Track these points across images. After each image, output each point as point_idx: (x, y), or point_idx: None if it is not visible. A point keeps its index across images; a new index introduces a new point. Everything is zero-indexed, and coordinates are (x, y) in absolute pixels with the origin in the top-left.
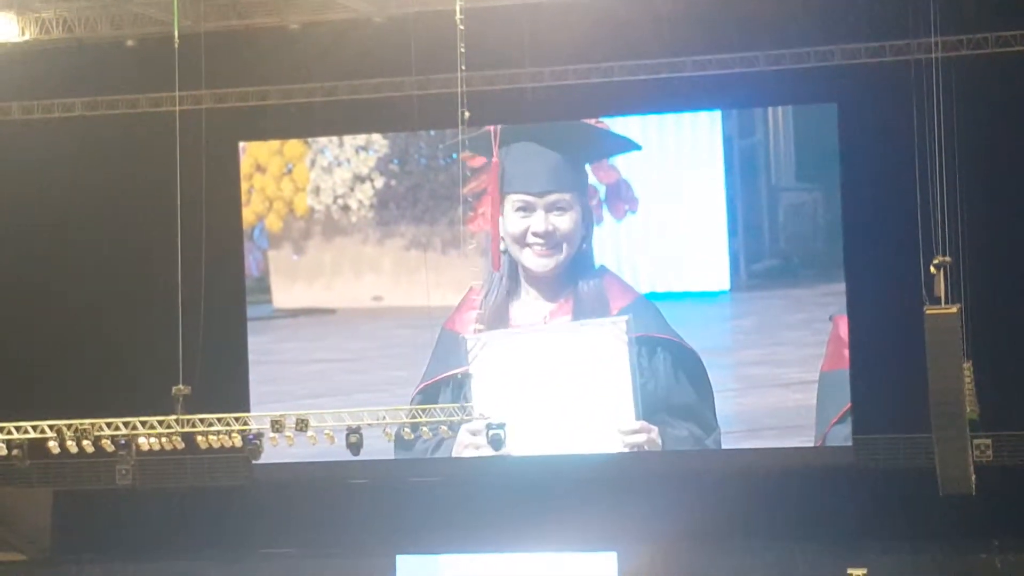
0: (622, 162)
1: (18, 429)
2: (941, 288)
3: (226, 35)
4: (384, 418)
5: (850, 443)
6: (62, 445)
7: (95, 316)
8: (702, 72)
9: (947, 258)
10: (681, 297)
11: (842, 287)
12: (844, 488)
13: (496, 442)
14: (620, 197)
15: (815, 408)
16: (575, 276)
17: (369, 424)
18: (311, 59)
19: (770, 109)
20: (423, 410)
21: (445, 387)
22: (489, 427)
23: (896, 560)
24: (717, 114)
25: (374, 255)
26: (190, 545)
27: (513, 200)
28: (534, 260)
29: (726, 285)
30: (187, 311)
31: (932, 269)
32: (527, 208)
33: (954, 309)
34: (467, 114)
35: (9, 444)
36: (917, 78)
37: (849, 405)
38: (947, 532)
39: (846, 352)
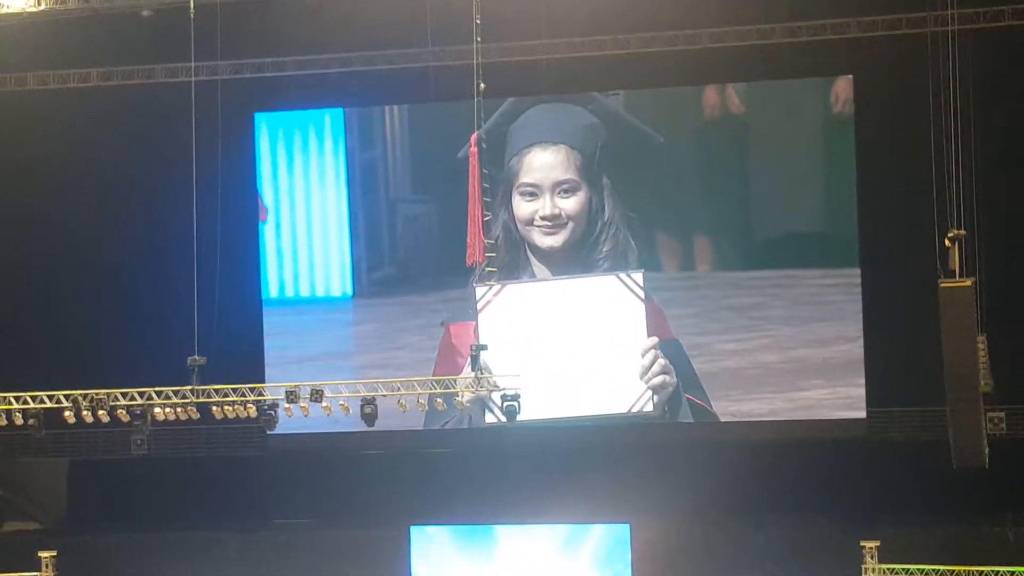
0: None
1: (34, 399)
2: (956, 261)
3: (242, 5)
4: (399, 389)
5: (863, 416)
6: (78, 415)
7: (111, 286)
8: (719, 44)
9: (962, 231)
10: (308, 302)
11: (453, 294)
12: (858, 461)
13: (511, 413)
14: None
15: None
16: None
17: (383, 395)
18: (327, 30)
19: (388, 123)
20: (437, 381)
21: None
22: (504, 398)
23: (909, 533)
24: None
25: None
26: (204, 515)
27: None
28: None
29: (349, 291)
30: (203, 282)
31: (946, 242)
32: None
33: (968, 282)
34: (483, 86)
35: (25, 414)
36: (933, 50)
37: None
38: (960, 505)
39: (459, 359)
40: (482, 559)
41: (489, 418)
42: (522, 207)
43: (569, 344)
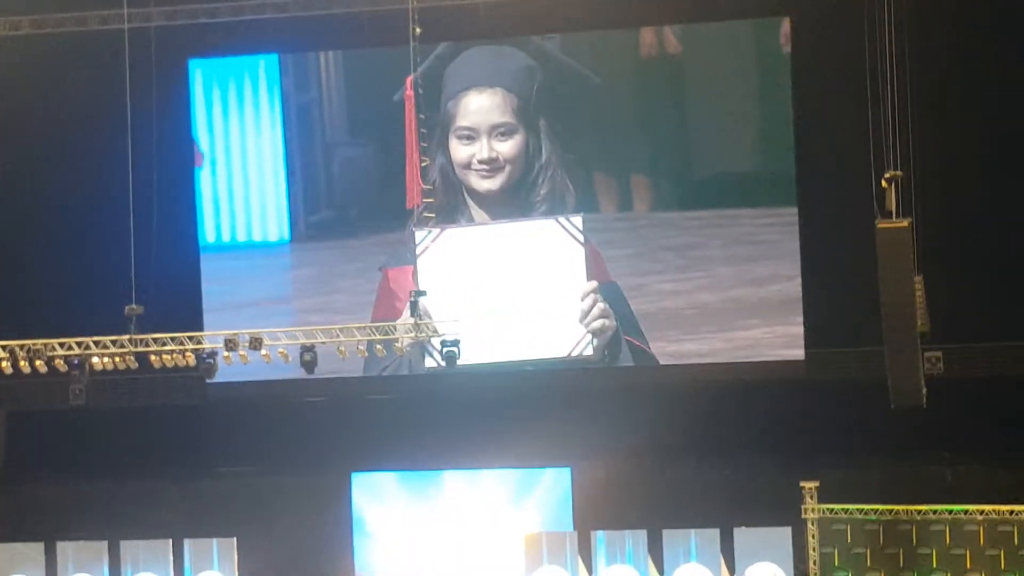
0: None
1: None
2: (892, 202)
3: None
4: (338, 336)
5: (802, 357)
6: (15, 365)
7: (46, 235)
8: None
9: (898, 172)
10: (245, 247)
11: (391, 238)
12: (796, 402)
13: (450, 359)
14: None
15: None
16: None
17: (323, 342)
18: None
19: (323, 67)
20: (377, 327)
21: None
22: (444, 344)
23: (847, 473)
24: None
25: None
26: (145, 464)
27: None
28: None
29: (287, 235)
30: (139, 229)
31: (883, 183)
32: None
33: (905, 223)
34: (418, 30)
35: None
36: None
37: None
38: (898, 444)
39: (398, 304)
40: (425, 504)
41: (429, 363)
42: (459, 151)
43: (508, 288)
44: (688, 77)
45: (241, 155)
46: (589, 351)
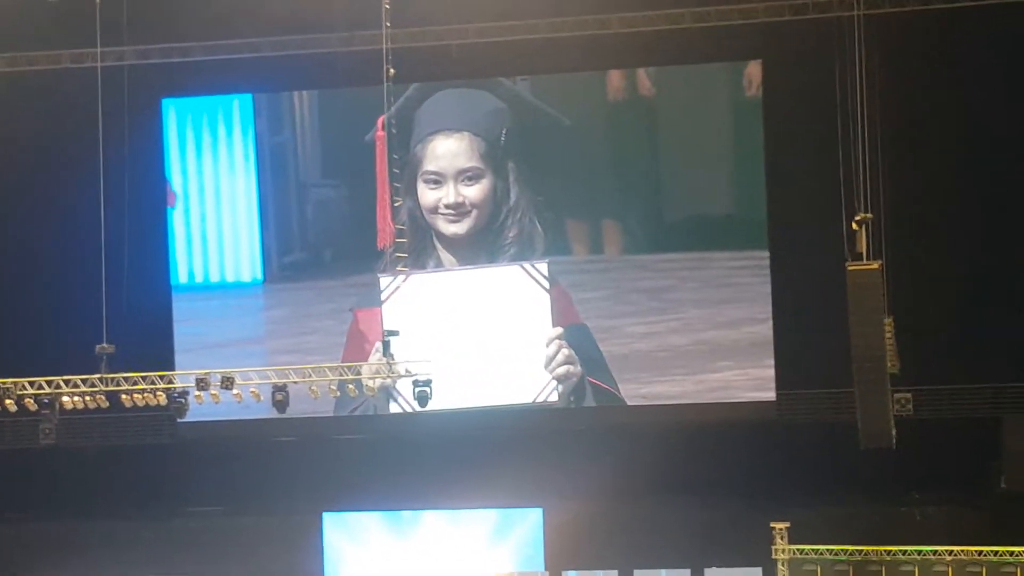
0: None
1: None
2: (863, 244)
3: None
4: (310, 376)
5: (773, 398)
6: None
7: (17, 274)
8: (628, 29)
9: (868, 215)
10: (218, 288)
11: (362, 279)
12: (767, 443)
13: (422, 399)
14: None
15: None
16: None
17: (295, 382)
18: (235, 15)
19: (297, 108)
20: (349, 367)
21: None
22: (415, 384)
23: (818, 513)
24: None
25: None
26: (115, 504)
27: None
28: None
29: (259, 276)
30: (111, 268)
31: (854, 226)
32: None
33: (875, 265)
34: (392, 71)
35: None
36: (840, 35)
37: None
38: (868, 485)
39: (367, 346)
40: (397, 543)
41: (394, 408)
42: (426, 195)
43: (474, 333)
44: (660, 120)
45: (214, 195)
46: (554, 397)
